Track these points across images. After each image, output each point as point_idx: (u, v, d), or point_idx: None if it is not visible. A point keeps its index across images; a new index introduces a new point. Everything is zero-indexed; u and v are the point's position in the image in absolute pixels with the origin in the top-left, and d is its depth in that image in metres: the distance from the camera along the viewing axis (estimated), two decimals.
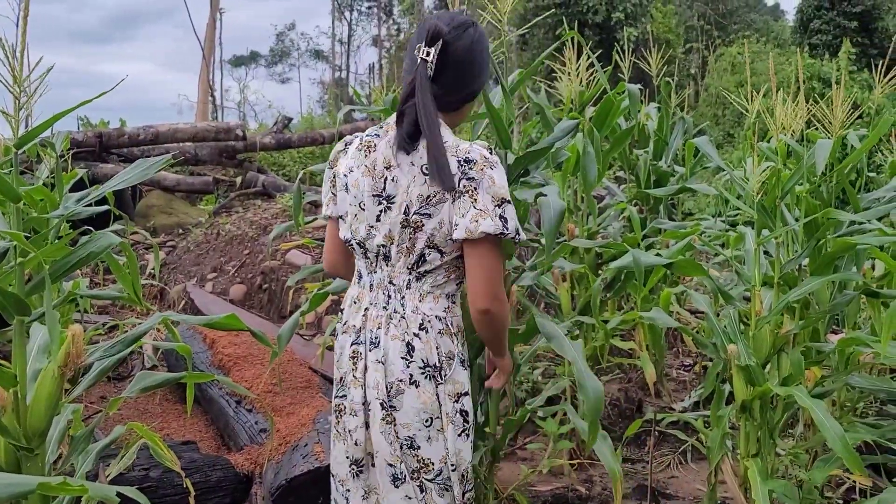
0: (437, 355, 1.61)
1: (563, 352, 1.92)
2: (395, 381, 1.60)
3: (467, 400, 1.63)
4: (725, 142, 14.82)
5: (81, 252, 1.59)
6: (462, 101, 1.67)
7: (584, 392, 1.85)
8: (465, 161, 1.55)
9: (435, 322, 1.61)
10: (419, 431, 1.60)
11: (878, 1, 17.45)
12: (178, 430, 3.39)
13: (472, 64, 1.63)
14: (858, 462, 1.84)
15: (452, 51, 1.59)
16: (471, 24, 1.66)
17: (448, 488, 1.62)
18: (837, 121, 2.47)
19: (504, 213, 1.54)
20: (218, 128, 8.75)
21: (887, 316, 1.88)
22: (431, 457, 1.61)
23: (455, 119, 1.70)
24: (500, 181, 1.55)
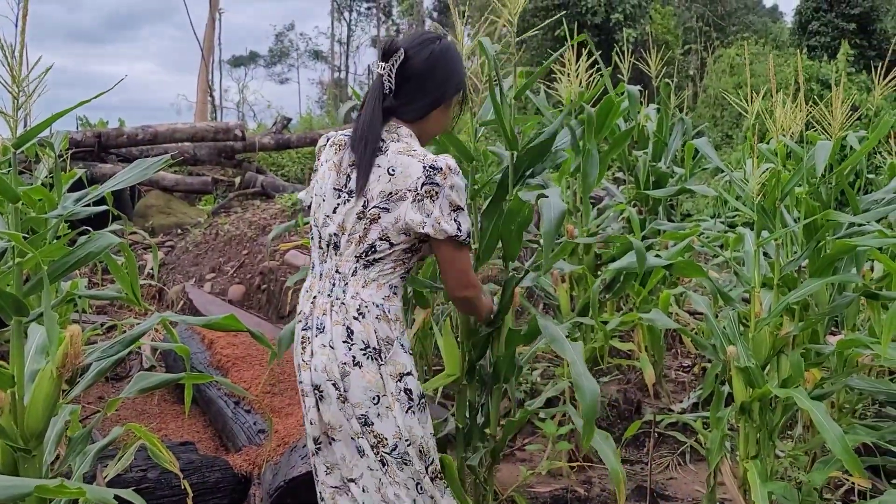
0: (375, 338, 1.72)
1: (564, 353, 1.93)
2: (341, 363, 1.72)
3: (410, 379, 1.75)
4: (724, 143, 14.83)
5: (80, 252, 1.59)
6: (425, 110, 1.81)
7: (581, 393, 1.86)
8: (431, 167, 1.70)
9: (372, 308, 1.72)
10: (370, 409, 1.71)
11: (876, 3, 17.47)
12: (176, 431, 3.38)
13: (431, 74, 1.78)
14: (858, 464, 1.84)
15: (411, 65, 1.76)
16: (434, 39, 1.82)
17: (407, 462, 1.74)
18: (836, 122, 2.47)
19: (458, 217, 1.72)
20: (217, 128, 8.74)
21: (888, 318, 1.88)
22: (384, 432, 1.72)
23: (424, 128, 1.84)
24: (460, 189, 1.73)
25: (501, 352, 2.27)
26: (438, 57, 1.79)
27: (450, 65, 1.82)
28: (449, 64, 1.81)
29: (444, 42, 1.83)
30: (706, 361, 3.93)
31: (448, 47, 1.82)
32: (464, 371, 2.26)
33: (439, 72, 1.79)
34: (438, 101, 1.81)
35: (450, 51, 1.83)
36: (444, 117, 1.87)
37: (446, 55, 1.81)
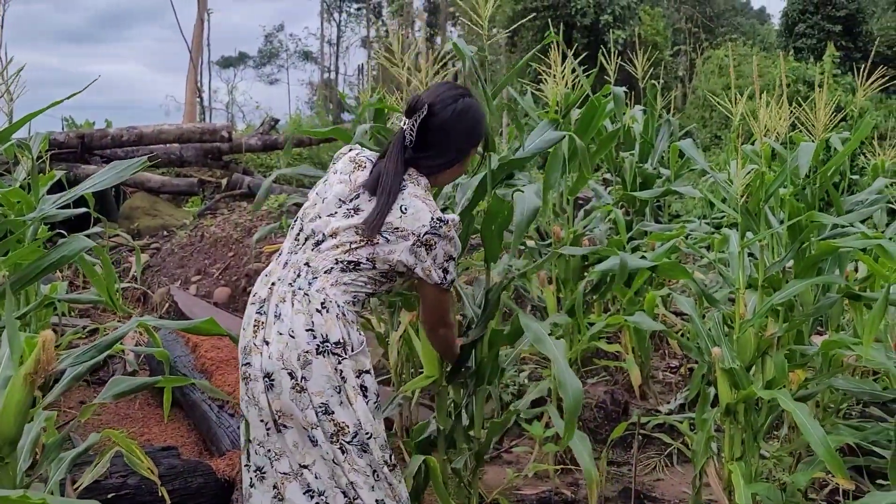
0: (337, 334, 1.76)
1: (546, 350, 1.94)
2: (302, 352, 1.74)
3: (368, 377, 1.81)
4: (713, 144, 14.90)
5: (53, 255, 1.56)
6: (443, 167, 1.92)
7: (564, 390, 1.87)
8: (439, 220, 1.82)
9: (334, 307, 1.77)
10: (331, 398, 1.75)
11: (861, 5, 17.61)
12: (158, 436, 3.35)
13: (452, 134, 1.89)
14: (841, 465, 1.84)
15: (434, 121, 1.85)
16: (458, 97, 1.90)
17: (366, 450, 1.77)
18: (820, 124, 2.47)
19: (448, 267, 1.87)
20: (203, 129, 8.69)
21: (869, 319, 1.88)
22: (346, 420, 1.75)
23: (439, 179, 1.97)
24: (456, 244, 1.88)
25: (485, 353, 2.26)
26: (461, 114, 1.89)
27: (471, 123, 1.91)
28: (470, 122, 1.91)
29: (466, 100, 1.91)
30: (693, 362, 3.93)
31: (470, 106, 1.91)
32: (443, 373, 2.25)
33: (461, 129, 1.90)
34: (456, 159, 1.93)
35: (472, 108, 1.91)
36: (459, 170, 1.99)
37: (468, 113, 1.90)
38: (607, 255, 2.62)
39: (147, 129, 8.20)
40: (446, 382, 2.27)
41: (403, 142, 1.87)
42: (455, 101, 1.89)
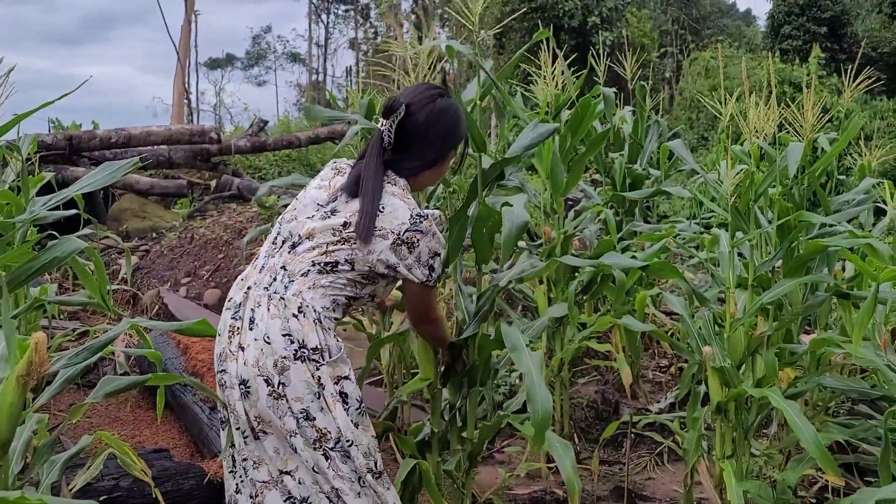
0: (314, 339, 1.73)
1: (519, 362, 1.90)
2: (279, 358, 1.71)
3: (347, 383, 1.77)
4: (700, 145, 14.99)
5: (45, 257, 1.55)
6: (421, 168, 1.89)
7: (533, 405, 1.80)
8: (419, 215, 1.79)
9: (310, 312, 1.74)
10: (311, 403, 1.71)
11: (846, 7, 17.76)
12: (150, 438, 3.33)
13: (430, 135, 1.85)
14: (831, 462, 1.86)
15: (410, 123, 1.82)
16: (436, 96, 1.87)
17: (349, 457, 1.74)
18: (808, 124, 2.49)
19: (434, 263, 1.84)
20: (192, 131, 8.64)
21: (858, 317, 1.90)
22: (327, 426, 1.72)
23: (419, 182, 1.93)
24: (440, 240, 1.84)
25: (476, 356, 2.26)
26: (439, 115, 1.85)
27: (449, 123, 1.88)
28: (449, 122, 1.87)
29: (444, 100, 1.87)
30: (683, 361, 3.95)
31: (448, 104, 1.87)
32: (438, 375, 2.25)
33: (439, 130, 1.86)
34: (435, 160, 1.90)
35: (450, 107, 1.88)
36: (439, 172, 1.95)
37: (446, 114, 1.86)
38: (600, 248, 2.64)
39: (135, 130, 8.15)
40: (441, 385, 2.28)
41: (381, 143, 1.84)
42: (433, 100, 1.85)
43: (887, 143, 9.09)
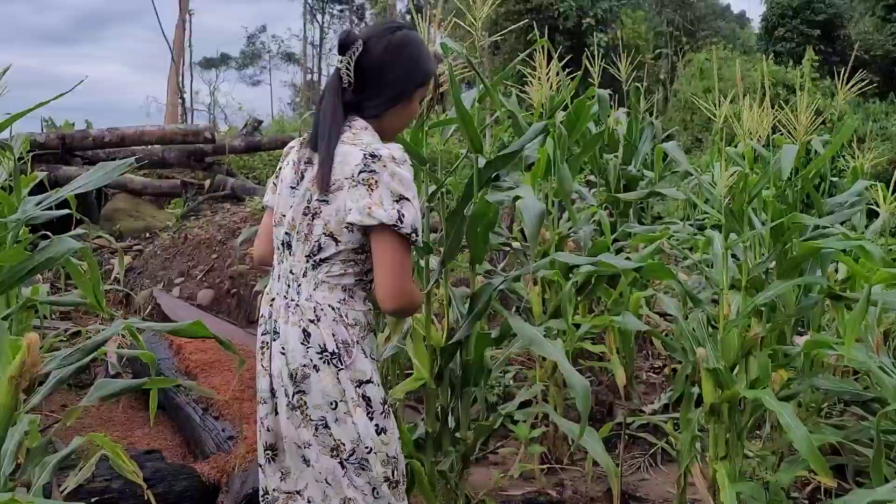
0: (333, 342, 1.63)
1: (545, 353, 1.94)
2: (298, 366, 1.64)
3: (370, 387, 1.65)
4: (694, 146, 15.02)
5: (39, 257, 1.54)
6: (386, 106, 1.70)
7: (573, 388, 1.87)
8: (371, 155, 1.59)
9: (329, 311, 1.64)
10: (328, 413, 1.64)
11: (840, 10, 17.84)
12: (142, 439, 3.32)
13: (391, 67, 1.67)
14: (823, 464, 1.86)
15: (368, 58, 1.66)
16: (395, 28, 1.71)
17: (365, 468, 1.65)
18: (802, 127, 2.50)
19: (402, 209, 1.58)
20: (186, 130, 8.62)
21: (850, 319, 1.91)
22: (342, 437, 1.64)
23: (385, 125, 1.73)
24: (403, 179, 1.59)
25: (471, 355, 2.26)
26: (398, 47, 1.68)
27: (411, 56, 1.70)
28: (410, 55, 1.69)
29: (404, 32, 1.71)
30: (677, 363, 3.95)
31: (408, 37, 1.71)
32: (432, 375, 2.25)
33: (399, 64, 1.68)
34: (399, 96, 1.71)
35: (411, 41, 1.70)
36: (406, 113, 1.75)
37: (407, 46, 1.69)
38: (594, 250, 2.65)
39: (129, 130, 8.12)
40: (435, 385, 2.27)
41: (340, 83, 1.67)
42: (391, 33, 1.69)
43: (880, 146, 9.13)
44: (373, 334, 1.71)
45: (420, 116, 2.25)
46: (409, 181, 1.60)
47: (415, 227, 1.59)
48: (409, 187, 1.59)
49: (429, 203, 2.33)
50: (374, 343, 1.72)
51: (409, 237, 1.58)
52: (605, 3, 18.96)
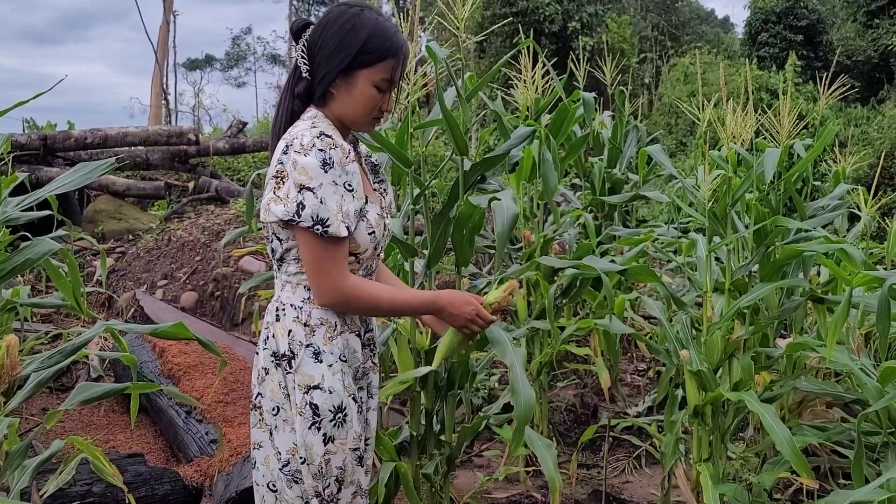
0: (287, 343, 1.57)
1: (504, 357, 1.91)
2: (260, 368, 1.62)
3: (318, 394, 1.54)
4: (678, 150, 15.12)
5: (17, 259, 1.52)
6: (323, 88, 1.58)
7: (517, 398, 1.82)
8: (287, 145, 1.52)
9: (289, 310, 1.58)
10: (272, 419, 1.60)
11: (822, 15, 18.04)
12: (124, 443, 3.29)
13: (322, 47, 1.56)
14: (805, 465, 1.87)
15: (310, 43, 1.58)
16: (337, 6, 1.60)
17: (297, 481, 1.58)
18: (784, 131, 2.52)
19: (303, 199, 1.47)
20: (170, 132, 8.56)
21: (832, 321, 1.92)
22: (280, 446, 1.59)
23: (335, 111, 1.61)
24: (305, 167, 1.48)
25: (455, 358, 2.26)
26: (328, 24, 1.56)
27: (341, 31, 1.55)
28: (340, 30, 1.55)
29: (341, 8, 1.58)
30: (661, 365, 3.97)
31: (341, 12, 1.57)
32: (416, 378, 2.24)
33: (329, 41, 1.56)
34: (332, 75, 1.56)
35: (342, 15, 1.56)
36: (353, 97, 1.58)
37: (337, 21, 1.56)
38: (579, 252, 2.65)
39: (112, 131, 8.05)
40: (419, 388, 2.27)
41: (295, 72, 1.61)
42: (329, 12, 1.59)
43: (862, 150, 9.23)
44: (353, 335, 1.62)
45: (406, 113, 2.24)
46: (314, 167, 1.48)
47: (319, 217, 1.47)
48: (315, 175, 1.47)
49: (413, 205, 2.33)
50: (349, 345, 1.61)
51: (313, 230, 1.48)
52: (590, 7, 19.06)
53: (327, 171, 1.48)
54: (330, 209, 1.48)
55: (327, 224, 1.48)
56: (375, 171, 1.79)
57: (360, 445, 1.62)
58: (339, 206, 1.49)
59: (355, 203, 1.53)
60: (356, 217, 1.53)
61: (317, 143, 1.49)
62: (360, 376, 1.67)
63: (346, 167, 1.51)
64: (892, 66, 16.97)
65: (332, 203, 1.48)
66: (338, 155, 1.50)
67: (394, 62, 1.57)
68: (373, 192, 1.71)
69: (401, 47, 1.58)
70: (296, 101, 1.61)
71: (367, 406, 1.71)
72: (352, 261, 1.60)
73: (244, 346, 3.99)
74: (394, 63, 1.57)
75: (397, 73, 1.58)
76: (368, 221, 1.59)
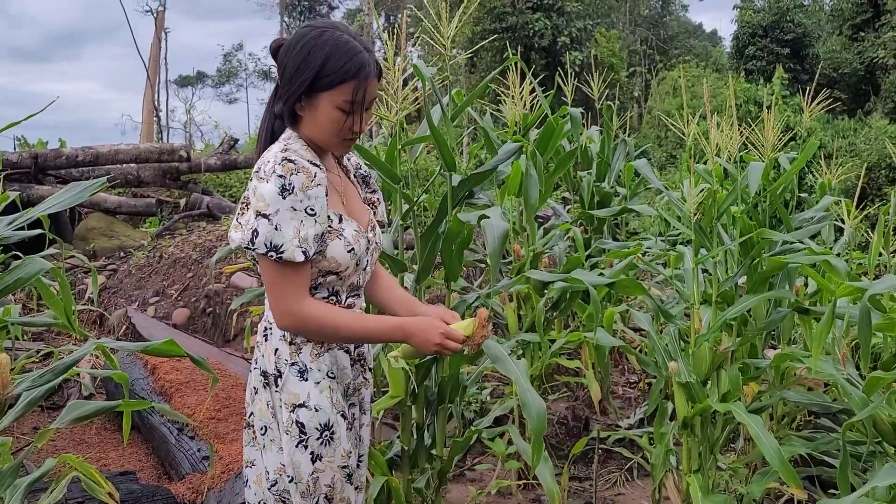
0: (273, 362, 1.58)
1: (507, 371, 1.93)
2: (251, 388, 1.64)
3: (304, 412, 1.55)
4: (668, 163, 15.23)
5: (9, 278, 1.53)
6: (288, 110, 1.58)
7: (528, 411, 1.84)
8: (256, 170, 1.53)
9: (276, 329, 1.59)
10: (262, 438, 1.61)
11: (808, 29, 18.25)
12: (116, 460, 3.27)
13: (287, 64, 1.56)
14: (794, 475, 1.89)
15: (278, 65, 1.58)
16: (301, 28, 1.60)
17: (286, 500, 1.59)
18: (769, 144, 2.57)
19: (257, 226, 1.48)
20: (161, 149, 8.58)
21: (817, 332, 1.95)
22: (267, 465, 1.60)
23: (305, 132, 1.60)
24: (263, 193, 1.49)
25: (446, 372, 2.27)
26: (290, 47, 1.56)
27: (299, 53, 1.54)
28: (299, 53, 1.54)
29: (303, 30, 1.58)
30: (652, 377, 3.99)
31: (305, 34, 1.56)
32: (408, 393, 2.26)
33: (290, 63, 1.55)
34: (295, 97, 1.56)
35: (306, 38, 1.55)
36: (317, 119, 1.57)
37: (301, 42, 1.55)
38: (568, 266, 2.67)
39: (103, 148, 8.06)
40: (410, 403, 2.28)
41: (276, 91, 1.61)
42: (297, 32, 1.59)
43: (848, 161, 9.30)
44: (341, 351, 1.62)
45: (395, 134, 2.27)
46: (271, 194, 1.48)
47: (273, 243, 1.48)
48: (271, 202, 1.48)
49: (403, 221, 2.35)
50: (338, 361, 1.62)
51: (267, 256, 1.48)
52: (579, 22, 19.25)
53: (285, 198, 1.48)
54: (285, 235, 1.48)
55: (281, 250, 1.48)
56: (366, 182, 1.80)
57: (349, 462, 1.62)
58: (296, 231, 1.49)
59: (317, 227, 1.52)
60: (316, 241, 1.52)
61: (277, 169, 1.49)
62: (350, 392, 1.66)
63: (308, 191, 1.50)
64: (878, 79, 17.17)
65: (287, 229, 1.48)
66: (299, 180, 1.49)
67: (354, 84, 1.54)
68: (358, 206, 1.70)
69: (361, 68, 1.54)
70: (276, 121, 1.63)
71: (359, 422, 1.70)
72: (333, 279, 1.60)
73: (236, 363, 3.99)
74: (355, 85, 1.54)
75: (360, 94, 1.55)
76: (345, 239, 1.59)
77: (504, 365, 1.93)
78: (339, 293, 1.63)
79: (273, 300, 1.54)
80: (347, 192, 1.70)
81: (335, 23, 1.62)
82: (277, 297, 1.52)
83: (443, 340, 1.58)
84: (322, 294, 1.61)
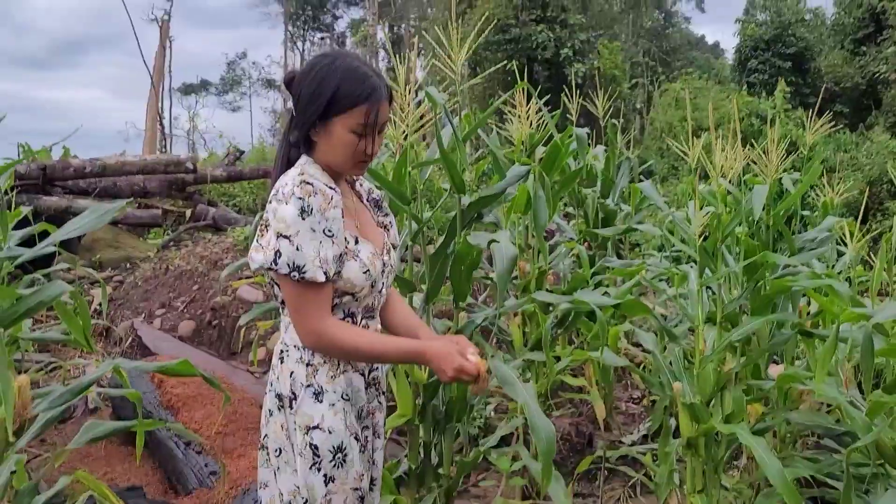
0: (289, 385, 1.61)
1: (515, 395, 1.94)
2: (266, 410, 1.67)
3: (318, 434, 1.58)
4: (671, 174, 15.26)
5: (31, 301, 1.57)
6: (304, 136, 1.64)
7: (537, 434, 1.85)
8: (273, 193, 1.58)
9: (293, 351, 1.63)
10: (277, 458, 1.63)
11: (810, 43, 18.33)
12: (123, 475, 3.29)
13: (299, 97, 1.62)
14: (797, 497, 1.91)
15: (293, 94, 1.64)
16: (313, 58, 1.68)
17: None
18: (773, 165, 2.60)
19: (280, 247, 1.53)
20: (168, 160, 8.63)
21: (820, 356, 1.98)
22: (281, 487, 1.62)
23: (320, 158, 1.65)
24: (283, 215, 1.54)
25: (454, 392, 2.30)
26: (304, 74, 1.63)
27: (314, 80, 1.60)
28: (314, 79, 1.60)
29: (317, 58, 1.65)
30: (656, 394, 4.01)
31: (317, 63, 1.63)
32: (415, 412, 2.28)
33: (304, 90, 1.61)
34: (309, 124, 1.62)
35: (319, 66, 1.62)
36: (331, 143, 1.62)
37: (314, 70, 1.61)
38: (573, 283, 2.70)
39: (111, 160, 8.11)
40: (418, 421, 2.31)
41: (291, 120, 1.66)
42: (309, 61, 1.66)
43: (850, 176, 9.31)
44: (357, 374, 1.65)
45: (403, 154, 2.31)
46: (291, 216, 1.53)
47: (295, 263, 1.52)
48: (292, 223, 1.52)
49: (412, 241, 2.38)
50: (353, 384, 1.64)
51: (290, 276, 1.53)
52: (582, 34, 19.35)
53: (305, 219, 1.53)
54: (306, 256, 1.52)
55: (304, 270, 1.52)
56: (379, 206, 1.84)
57: (362, 485, 1.64)
58: (316, 252, 1.53)
59: (335, 248, 1.56)
60: (335, 262, 1.57)
61: (296, 191, 1.54)
62: (364, 416, 1.69)
63: (326, 213, 1.55)
64: (880, 93, 17.23)
65: (309, 250, 1.53)
66: (318, 202, 1.54)
67: (367, 107, 1.59)
68: (372, 230, 1.74)
69: (373, 91, 1.60)
70: (292, 150, 1.68)
71: (372, 446, 1.72)
72: (349, 300, 1.64)
73: (242, 376, 4.02)
74: (367, 108, 1.59)
75: (372, 116, 1.60)
76: (361, 261, 1.63)
77: (513, 388, 1.95)
78: (354, 315, 1.67)
79: (297, 320, 1.58)
80: (361, 215, 1.75)
81: (345, 51, 1.70)
82: (301, 318, 1.57)
83: (457, 375, 1.61)
84: (338, 315, 1.64)
